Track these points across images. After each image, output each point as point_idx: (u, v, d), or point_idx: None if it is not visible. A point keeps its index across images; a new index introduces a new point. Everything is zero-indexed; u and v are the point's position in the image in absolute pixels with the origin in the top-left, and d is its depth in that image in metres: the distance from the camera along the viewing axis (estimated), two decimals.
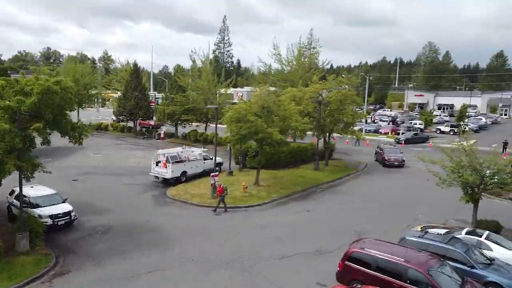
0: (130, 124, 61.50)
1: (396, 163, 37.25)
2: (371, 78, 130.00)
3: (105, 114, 78.55)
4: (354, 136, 37.33)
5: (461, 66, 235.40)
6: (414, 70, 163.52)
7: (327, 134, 37.42)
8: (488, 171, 19.04)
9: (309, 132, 35.19)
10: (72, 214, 21.79)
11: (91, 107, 70.96)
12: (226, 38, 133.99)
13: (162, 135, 54.91)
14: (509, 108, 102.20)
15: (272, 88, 53.89)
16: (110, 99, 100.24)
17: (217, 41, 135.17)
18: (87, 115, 79.51)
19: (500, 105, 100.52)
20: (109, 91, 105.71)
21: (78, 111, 70.92)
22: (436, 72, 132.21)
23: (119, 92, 66.65)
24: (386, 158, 37.65)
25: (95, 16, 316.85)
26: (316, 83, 38.09)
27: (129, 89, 56.82)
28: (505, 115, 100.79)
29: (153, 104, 60.90)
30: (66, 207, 21.88)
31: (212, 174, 26.95)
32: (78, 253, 18.70)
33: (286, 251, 18.88)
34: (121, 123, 62.51)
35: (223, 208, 24.92)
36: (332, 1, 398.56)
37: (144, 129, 60.15)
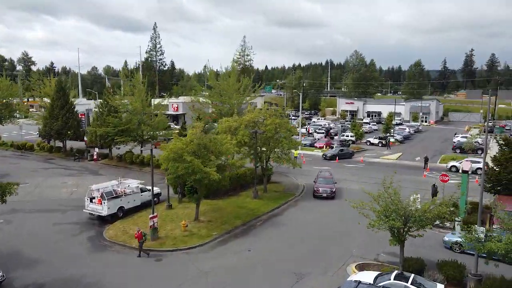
0: (59, 143, 58.11)
1: (324, 195, 36.62)
2: (304, 84, 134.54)
3: (29, 129, 73.24)
4: (291, 164, 38.04)
5: (385, 68, 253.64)
6: (343, 77, 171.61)
7: (265, 161, 38.17)
8: (410, 214, 20.66)
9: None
10: None
11: (13, 123, 65.72)
12: (158, 46, 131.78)
13: (95, 156, 52.41)
14: (428, 115, 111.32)
15: (209, 105, 53.89)
16: (35, 110, 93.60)
17: (149, 49, 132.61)
18: (8, 130, 73.94)
19: (421, 114, 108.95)
20: (31, 99, 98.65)
21: None
22: (364, 79, 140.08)
23: (45, 99, 62.56)
24: (315, 188, 37.34)
25: (10, 9, 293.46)
26: (251, 112, 38.96)
27: (55, 108, 53.62)
28: (425, 121, 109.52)
29: (83, 116, 57.85)
30: None
31: (150, 216, 26.49)
32: None
33: None
34: (50, 143, 59.01)
35: (145, 252, 24.49)
36: (263, 1, 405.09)
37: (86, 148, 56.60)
